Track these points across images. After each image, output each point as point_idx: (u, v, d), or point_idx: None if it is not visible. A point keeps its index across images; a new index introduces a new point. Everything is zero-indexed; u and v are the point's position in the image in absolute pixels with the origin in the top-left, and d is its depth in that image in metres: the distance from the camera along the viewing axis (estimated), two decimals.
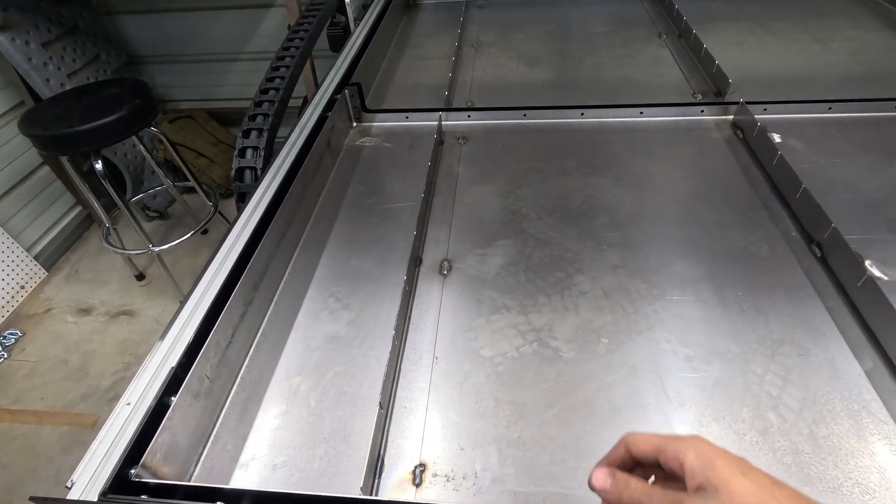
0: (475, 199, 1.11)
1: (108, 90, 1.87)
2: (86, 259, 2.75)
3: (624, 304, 0.85)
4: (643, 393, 0.73)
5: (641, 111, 1.30)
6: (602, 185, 1.11)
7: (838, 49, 1.52)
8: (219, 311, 0.76)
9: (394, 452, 0.70)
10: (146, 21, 2.80)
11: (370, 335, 0.85)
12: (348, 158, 1.28)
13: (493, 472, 0.66)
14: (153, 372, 0.71)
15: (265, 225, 0.92)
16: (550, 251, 0.97)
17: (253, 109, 1.29)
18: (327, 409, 0.75)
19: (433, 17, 2.09)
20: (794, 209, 0.99)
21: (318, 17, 1.62)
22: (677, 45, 1.65)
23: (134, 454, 0.61)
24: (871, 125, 1.19)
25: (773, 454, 0.65)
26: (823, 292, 0.84)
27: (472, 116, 1.37)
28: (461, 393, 0.75)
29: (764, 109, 1.24)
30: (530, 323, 0.84)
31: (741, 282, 0.87)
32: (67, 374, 2.13)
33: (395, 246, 1.01)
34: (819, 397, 0.70)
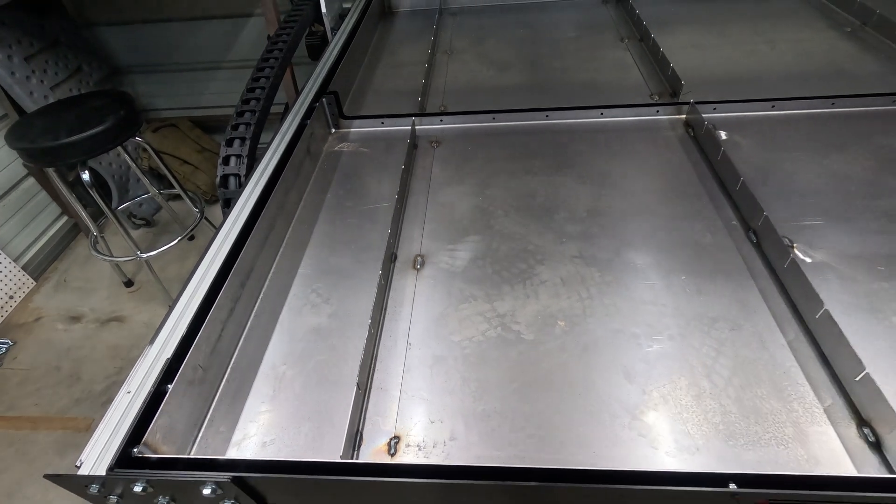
0: (447, 199, 1.20)
1: (93, 102, 1.92)
2: (74, 268, 2.79)
3: (580, 290, 0.94)
4: (595, 368, 0.82)
5: (602, 112, 1.39)
6: (564, 183, 1.20)
7: (785, 49, 1.63)
8: (209, 307, 0.83)
9: (371, 428, 0.77)
10: (127, 32, 2.84)
11: (349, 326, 0.92)
12: (328, 163, 1.36)
13: (460, 441, 0.74)
14: (150, 363, 0.79)
15: (249, 228, 1.00)
16: (515, 245, 1.05)
17: (235, 119, 1.36)
18: (310, 393, 0.82)
19: (408, 24, 2.17)
20: (735, 200, 1.09)
21: (295, 28, 1.69)
22: (638, 49, 1.75)
23: (136, 435, 0.68)
24: (810, 121, 1.29)
25: (704, 415, 0.74)
26: (756, 274, 0.94)
27: (445, 121, 1.45)
28: (432, 374, 0.84)
29: (714, 108, 1.34)
30: (495, 310, 0.92)
31: (685, 267, 0.96)
32: (60, 380, 2.17)
33: (372, 244, 1.08)
34: (746, 366, 0.79)
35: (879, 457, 0.67)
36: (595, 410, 0.76)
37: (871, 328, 0.82)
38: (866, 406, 0.71)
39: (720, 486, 0.58)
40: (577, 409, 0.76)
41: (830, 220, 1.01)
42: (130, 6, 2.71)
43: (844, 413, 0.73)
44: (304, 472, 0.63)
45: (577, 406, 0.77)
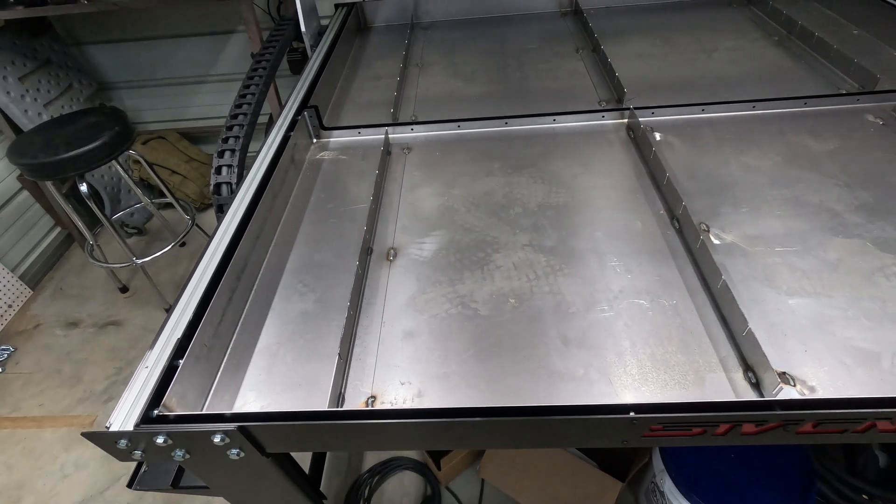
0: (416, 199, 1.35)
1: (88, 119, 2.05)
2: (69, 276, 2.90)
3: (528, 273, 1.11)
4: (538, 336, 0.98)
5: (554, 119, 1.56)
6: (519, 183, 1.37)
7: (720, 57, 1.82)
8: (211, 296, 0.98)
9: (352, 390, 0.93)
10: (114, 50, 2.96)
11: (332, 310, 1.08)
12: (310, 170, 1.51)
13: (426, 397, 0.90)
14: (163, 344, 0.93)
15: (242, 229, 1.14)
16: (475, 237, 1.21)
17: (225, 133, 1.51)
18: (300, 365, 0.98)
19: (383, 38, 2.33)
20: (663, 193, 1.26)
21: (277, 47, 1.84)
22: (591, 59, 1.93)
23: (156, 399, 0.83)
24: (734, 122, 1.48)
25: (623, 368, 0.91)
26: (676, 255, 1.11)
27: (415, 129, 1.61)
28: (402, 346, 0.99)
29: (652, 113, 1.52)
30: (456, 292, 1.08)
31: (617, 251, 1.13)
32: (62, 381, 2.29)
33: (350, 240, 1.24)
34: (661, 329, 0.96)
35: (757, 393, 0.85)
36: (535, 368, 0.92)
37: (762, 294, 0.99)
38: (750, 355, 0.88)
39: (623, 413, 0.74)
40: (521, 368, 0.92)
41: (741, 207, 1.19)
42: (116, 26, 2.84)
43: (735, 362, 0.90)
44: (296, 420, 0.78)
45: (521, 366, 0.93)
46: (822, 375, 0.85)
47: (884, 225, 1.11)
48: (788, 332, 0.93)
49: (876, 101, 1.47)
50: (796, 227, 1.13)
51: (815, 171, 1.28)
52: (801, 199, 1.20)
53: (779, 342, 0.91)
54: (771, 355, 0.87)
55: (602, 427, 0.76)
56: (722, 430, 0.75)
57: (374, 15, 2.44)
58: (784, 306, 0.97)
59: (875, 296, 0.97)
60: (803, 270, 1.03)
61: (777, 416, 0.72)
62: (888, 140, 1.35)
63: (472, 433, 0.80)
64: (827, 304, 0.96)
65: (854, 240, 1.09)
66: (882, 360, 0.86)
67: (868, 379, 0.84)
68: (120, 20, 2.83)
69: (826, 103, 1.49)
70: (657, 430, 0.76)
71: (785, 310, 0.96)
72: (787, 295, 0.99)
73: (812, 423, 0.73)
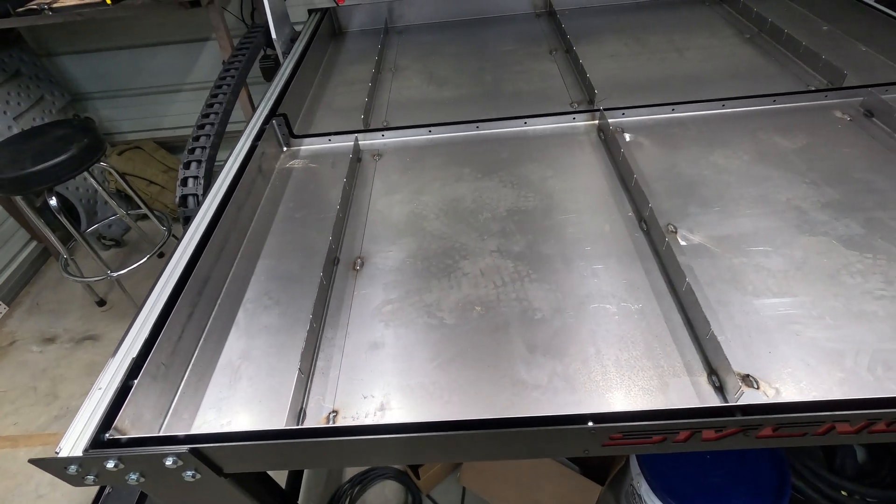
0: (385, 207, 1.34)
1: (56, 131, 2.01)
2: (46, 291, 2.85)
3: (495, 280, 1.09)
4: (503, 344, 0.96)
5: (525, 122, 1.55)
6: (489, 187, 1.35)
7: (692, 56, 1.82)
8: (168, 314, 0.96)
9: (314, 405, 0.91)
10: (87, 60, 2.92)
11: (297, 322, 1.06)
12: (280, 180, 1.49)
13: (389, 411, 0.88)
14: (118, 363, 0.91)
15: (205, 242, 1.12)
16: (443, 244, 1.20)
17: (191, 143, 1.48)
18: (262, 381, 0.96)
19: (358, 44, 2.31)
20: (632, 195, 1.25)
21: (246, 55, 1.81)
22: (565, 60, 1.92)
23: (107, 422, 0.81)
24: (704, 122, 1.47)
25: (588, 375, 0.89)
26: (644, 258, 1.10)
27: (386, 135, 1.59)
28: (366, 358, 0.97)
29: (622, 114, 1.51)
30: (423, 301, 1.07)
31: (585, 255, 1.12)
32: (37, 399, 2.25)
33: (318, 250, 1.21)
34: (627, 333, 0.95)
35: (721, 397, 0.84)
36: (499, 378, 0.91)
37: (728, 295, 0.98)
38: (713, 359, 0.87)
39: (581, 423, 0.73)
40: (485, 378, 0.91)
41: (708, 207, 1.19)
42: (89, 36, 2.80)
43: (699, 366, 0.89)
44: (250, 440, 0.77)
45: (485, 376, 0.91)
46: (785, 377, 0.84)
47: (849, 222, 1.11)
48: (754, 334, 0.92)
49: (843, 98, 1.47)
50: (763, 226, 1.13)
51: (784, 169, 1.27)
52: (768, 197, 1.20)
53: (744, 344, 0.90)
54: (736, 357, 0.86)
55: (561, 438, 0.75)
56: (682, 437, 0.74)
57: (348, 20, 2.42)
58: (750, 307, 0.96)
59: (839, 294, 0.97)
60: (769, 270, 1.03)
61: (736, 422, 0.72)
62: (855, 136, 1.35)
63: (429, 448, 0.79)
64: (792, 304, 0.96)
65: (820, 238, 1.08)
66: (845, 359, 0.86)
67: (831, 379, 0.83)
68: (92, 30, 2.79)
69: (795, 100, 1.49)
70: (617, 439, 0.74)
71: (750, 311, 0.96)
72: (753, 296, 0.98)
73: (772, 428, 0.73)
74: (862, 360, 0.85)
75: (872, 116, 1.40)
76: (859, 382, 0.82)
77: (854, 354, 0.86)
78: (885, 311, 0.92)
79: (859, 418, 0.70)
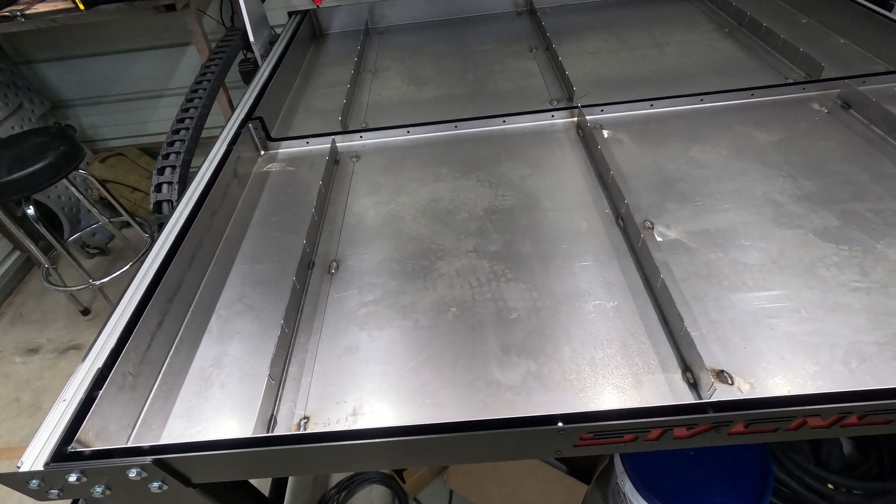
0: (362, 208, 1.32)
1: (33, 140, 1.98)
2: (29, 301, 2.81)
3: (471, 280, 1.08)
4: (478, 345, 0.95)
5: (504, 120, 1.54)
6: (467, 187, 1.34)
7: (671, 52, 1.81)
8: (136, 322, 0.94)
9: (285, 412, 0.89)
10: (66, 67, 2.88)
11: (270, 328, 1.04)
12: (257, 183, 1.47)
13: (361, 416, 0.87)
14: (84, 374, 0.89)
15: (176, 249, 1.10)
16: (419, 245, 1.18)
17: (166, 149, 1.46)
18: (234, 388, 0.94)
19: (338, 45, 2.30)
20: (609, 192, 1.24)
21: (223, 60, 1.80)
22: (545, 58, 1.91)
23: (69, 434, 0.79)
24: (682, 117, 1.47)
25: (563, 375, 0.88)
26: (620, 255, 1.09)
27: (364, 137, 1.58)
28: (339, 363, 0.96)
29: (601, 110, 1.51)
30: (398, 303, 1.05)
31: (561, 253, 1.11)
32: (20, 411, 2.21)
33: (294, 254, 1.19)
34: (601, 331, 0.94)
35: (695, 394, 0.83)
36: (473, 379, 0.89)
37: (704, 291, 0.98)
38: (687, 355, 0.86)
39: (551, 424, 0.72)
40: (459, 380, 0.90)
41: (685, 203, 1.18)
42: (67, 43, 2.76)
43: (674, 362, 0.88)
44: (216, 449, 0.75)
45: (459, 378, 0.90)
46: (759, 372, 0.84)
47: (825, 214, 1.10)
48: (729, 329, 0.91)
49: (821, 90, 1.47)
50: (740, 220, 1.12)
51: (760, 163, 1.27)
52: (745, 191, 1.19)
53: (720, 339, 0.90)
54: (712, 353, 0.86)
55: (532, 439, 0.74)
56: (654, 435, 0.73)
57: (328, 22, 2.40)
58: (726, 302, 0.96)
59: (815, 287, 0.96)
60: (745, 265, 1.02)
61: (707, 419, 0.71)
62: (832, 128, 1.35)
63: (401, 453, 0.77)
64: (768, 298, 0.95)
65: (796, 231, 1.08)
66: (820, 352, 0.85)
67: (805, 373, 0.82)
68: (71, 36, 2.76)
69: (772, 93, 1.48)
70: (588, 440, 0.73)
71: (726, 305, 0.95)
72: (729, 290, 0.98)
73: (743, 424, 0.72)
74: (836, 353, 0.85)
75: (850, 108, 1.40)
76: (833, 376, 0.81)
77: (829, 347, 0.86)
78: (860, 304, 0.92)
79: (831, 412, 0.69)
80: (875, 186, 1.16)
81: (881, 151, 1.25)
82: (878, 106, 1.32)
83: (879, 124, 1.32)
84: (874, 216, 1.08)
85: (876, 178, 1.18)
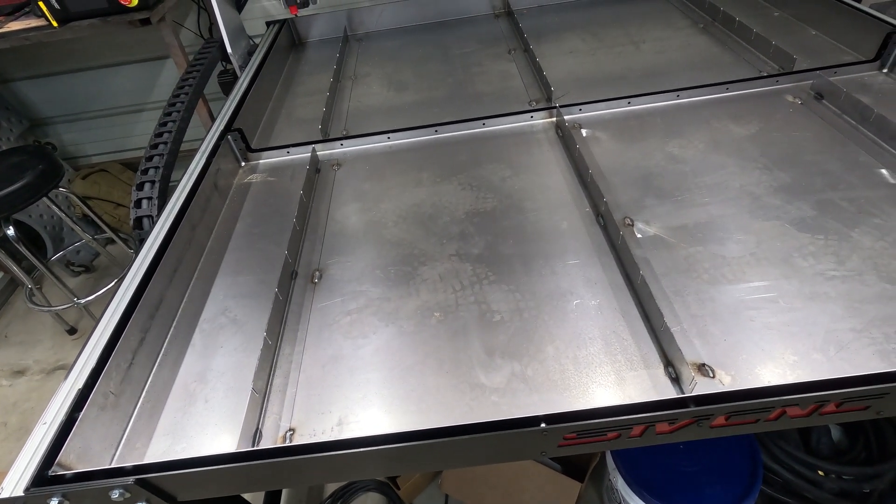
0: (344, 216, 1.32)
1: (10, 159, 1.96)
2: (14, 323, 2.77)
3: (454, 284, 1.08)
4: (462, 349, 0.95)
5: (484, 123, 1.55)
6: (448, 191, 1.34)
7: (647, 49, 1.83)
8: (116, 340, 0.93)
9: (270, 424, 0.89)
10: (44, 84, 2.85)
11: (254, 341, 1.03)
12: (238, 195, 1.46)
13: (347, 426, 0.87)
14: (64, 396, 0.88)
15: (156, 265, 1.09)
16: (402, 251, 1.18)
17: (144, 164, 1.45)
18: (218, 402, 0.93)
19: (318, 53, 2.29)
20: (589, 190, 1.25)
21: (201, 71, 1.79)
22: (523, 59, 1.92)
23: (50, 458, 0.78)
24: (660, 113, 1.48)
25: (546, 375, 0.89)
26: (601, 252, 1.10)
27: (345, 144, 1.58)
28: (324, 372, 0.96)
29: (579, 109, 1.52)
30: (381, 310, 1.05)
31: (543, 253, 1.11)
32: (7, 434, 2.18)
33: (276, 265, 1.19)
34: (584, 330, 0.95)
35: (678, 388, 0.83)
36: (458, 383, 0.89)
37: (684, 285, 0.98)
38: (668, 350, 0.87)
39: (534, 425, 0.72)
40: (444, 384, 0.90)
41: (664, 198, 1.19)
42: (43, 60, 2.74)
43: (656, 358, 0.88)
44: (200, 466, 0.74)
45: (444, 382, 0.90)
46: (740, 364, 0.84)
47: (801, 205, 1.12)
48: (709, 322, 0.92)
49: (794, 82, 1.49)
50: (718, 213, 1.13)
51: (737, 156, 1.28)
52: (722, 185, 1.21)
53: (700, 333, 0.90)
54: (693, 347, 0.86)
55: (516, 441, 0.74)
56: (636, 431, 0.73)
57: (307, 30, 2.40)
58: (706, 295, 0.97)
59: (792, 277, 0.97)
60: (724, 258, 1.03)
61: (687, 414, 0.71)
62: (806, 119, 1.37)
63: (387, 460, 0.77)
64: (746, 290, 0.96)
65: (773, 222, 1.09)
66: (798, 342, 0.86)
67: (784, 362, 0.83)
68: (47, 53, 2.73)
69: (747, 87, 1.50)
70: (572, 439, 0.74)
71: (706, 299, 0.96)
72: (709, 284, 0.99)
73: (725, 416, 0.72)
74: (815, 341, 0.86)
75: (822, 99, 1.42)
76: (812, 364, 0.82)
77: (807, 336, 0.87)
78: (836, 292, 0.93)
79: (809, 401, 0.70)
80: (848, 175, 1.18)
81: (853, 140, 1.27)
82: (849, 96, 1.34)
83: (851, 114, 1.34)
84: (848, 205, 1.10)
85: (849, 166, 1.20)
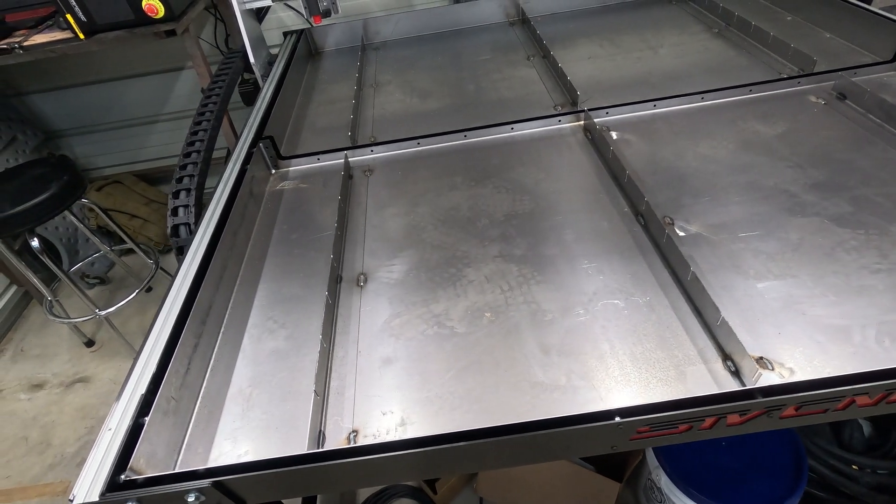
0: (382, 221, 1.33)
1: (34, 171, 1.96)
2: (30, 336, 2.76)
3: (501, 285, 1.09)
4: (516, 348, 0.96)
5: (512, 127, 1.57)
6: (483, 194, 1.36)
7: (665, 54, 1.86)
8: (174, 345, 0.94)
9: (333, 427, 0.89)
10: (58, 97, 2.87)
11: (305, 344, 1.04)
12: (272, 202, 1.47)
13: (410, 425, 0.87)
14: (126, 402, 0.88)
15: (203, 271, 1.10)
16: (444, 253, 1.20)
17: (179, 172, 1.46)
18: (276, 407, 0.94)
19: (335, 62, 2.32)
20: (625, 191, 1.27)
21: (227, 81, 1.80)
22: (543, 65, 1.95)
23: (122, 463, 0.78)
24: (686, 115, 1.51)
25: (606, 372, 0.90)
26: (645, 251, 1.11)
27: (375, 150, 1.59)
28: (380, 374, 0.96)
29: (606, 113, 1.54)
30: (431, 311, 1.06)
31: (587, 253, 1.13)
32: (29, 449, 2.16)
33: (318, 270, 1.20)
34: (638, 327, 0.96)
35: (739, 381, 0.85)
36: (517, 381, 0.90)
37: (731, 281, 1.00)
38: (726, 344, 0.88)
39: (609, 419, 0.73)
40: (503, 383, 0.91)
41: (700, 197, 1.21)
42: (57, 73, 2.75)
43: (713, 353, 0.90)
44: (273, 468, 0.75)
45: (503, 381, 0.91)
46: (797, 356, 0.86)
47: (837, 201, 1.14)
48: (760, 317, 0.93)
49: (815, 83, 1.52)
50: (755, 211, 1.15)
51: (768, 155, 1.31)
52: (756, 183, 1.23)
53: (752, 327, 0.92)
54: (746, 341, 0.87)
55: (589, 435, 0.75)
56: (708, 423, 0.74)
57: (323, 40, 2.43)
58: (753, 291, 0.98)
59: (838, 271, 0.99)
60: (768, 253, 1.05)
61: (759, 404, 0.72)
62: (831, 118, 1.40)
63: (458, 458, 0.78)
64: (794, 285, 0.98)
65: (812, 218, 1.11)
66: (852, 333, 0.88)
67: (841, 354, 0.85)
68: (62, 66, 2.74)
69: (770, 88, 1.53)
70: (644, 432, 0.75)
71: (755, 294, 0.97)
72: (756, 279, 1.00)
73: (795, 407, 0.74)
74: (869, 333, 0.87)
75: (845, 99, 1.45)
76: (870, 355, 0.84)
77: (861, 328, 0.88)
78: (883, 284, 0.95)
79: (878, 390, 0.72)
80: (880, 172, 1.20)
81: (881, 138, 1.30)
82: (873, 95, 1.37)
83: (876, 112, 1.37)
84: (885, 200, 1.12)
85: (880, 164, 1.23)
